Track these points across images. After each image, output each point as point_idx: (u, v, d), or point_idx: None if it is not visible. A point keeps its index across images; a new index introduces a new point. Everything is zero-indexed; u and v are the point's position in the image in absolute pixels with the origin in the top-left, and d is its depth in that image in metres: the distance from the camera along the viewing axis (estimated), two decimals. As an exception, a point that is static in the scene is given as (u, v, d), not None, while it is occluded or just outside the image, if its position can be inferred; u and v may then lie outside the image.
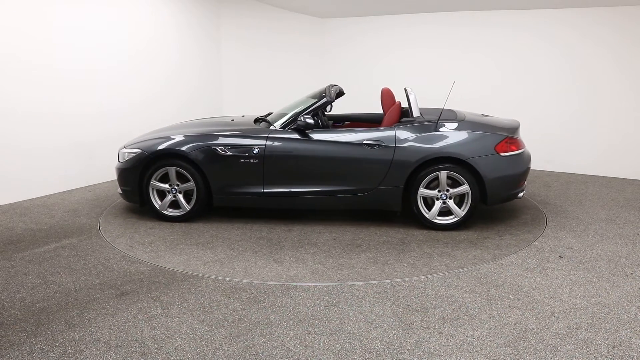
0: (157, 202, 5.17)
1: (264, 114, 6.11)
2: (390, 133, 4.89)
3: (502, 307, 3.35)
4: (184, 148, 5.03)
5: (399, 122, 5.05)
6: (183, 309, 3.34)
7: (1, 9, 5.49)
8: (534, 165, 7.54)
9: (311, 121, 4.91)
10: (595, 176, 7.09)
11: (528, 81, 7.59)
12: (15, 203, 5.77)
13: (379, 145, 4.85)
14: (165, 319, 3.22)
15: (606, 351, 2.84)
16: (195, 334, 3.04)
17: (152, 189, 5.14)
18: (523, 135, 5.40)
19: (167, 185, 5.12)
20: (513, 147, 4.87)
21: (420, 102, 6.14)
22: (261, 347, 2.89)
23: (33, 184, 5.99)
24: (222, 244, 4.60)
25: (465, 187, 4.76)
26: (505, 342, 2.93)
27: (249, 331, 3.07)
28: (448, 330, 3.06)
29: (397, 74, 8.58)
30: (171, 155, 5.07)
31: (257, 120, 5.59)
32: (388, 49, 8.70)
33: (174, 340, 2.97)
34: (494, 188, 4.78)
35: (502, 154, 4.78)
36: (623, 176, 7.00)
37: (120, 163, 5.28)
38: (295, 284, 3.72)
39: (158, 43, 7.42)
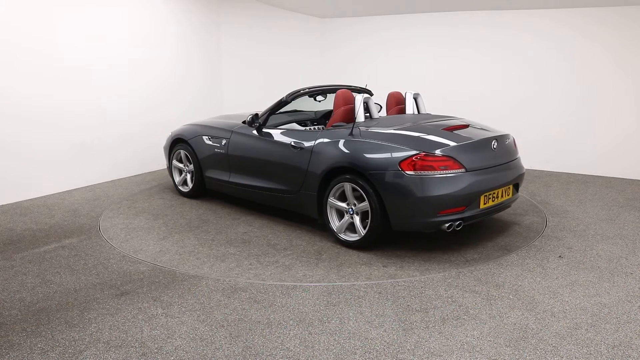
0: (176, 179, 6.16)
1: None
2: (312, 137, 4.67)
3: (502, 307, 3.35)
4: (187, 135, 5.87)
5: (332, 126, 4.74)
6: (183, 309, 3.34)
7: (2, 9, 5.50)
8: (534, 166, 7.55)
9: (250, 119, 5.23)
10: (595, 176, 7.09)
11: (528, 81, 7.59)
12: (15, 203, 5.78)
13: (301, 148, 4.69)
14: (165, 319, 3.22)
15: (606, 351, 2.84)
16: (195, 334, 3.04)
17: (174, 167, 6.17)
18: (523, 135, 5.30)
19: (182, 165, 6.07)
20: (434, 166, 3.98)
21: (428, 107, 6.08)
22: (261, 347, 2.89)
23: (33, 184, 6.00)
24: (162, 220, 5.23)
25: (366, 204, 4.18)
26: (505, 342, 2.93)
27: (249, 331, 3.07)
28: (448, 330, 3.06)
29: (397, 74, 8.58)
30: (182, 141, 5.95)
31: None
32: (387, 49, 8.70)
33: (174, 340, 2.97)
34: (395, 211, 4.06)
35: (407, 172, 3.98)
36: (623, 176, 7.00)
37: (165, 143, 6.33)
38: (295, 284, 3.72)
39: (159, 43, 7.42)
